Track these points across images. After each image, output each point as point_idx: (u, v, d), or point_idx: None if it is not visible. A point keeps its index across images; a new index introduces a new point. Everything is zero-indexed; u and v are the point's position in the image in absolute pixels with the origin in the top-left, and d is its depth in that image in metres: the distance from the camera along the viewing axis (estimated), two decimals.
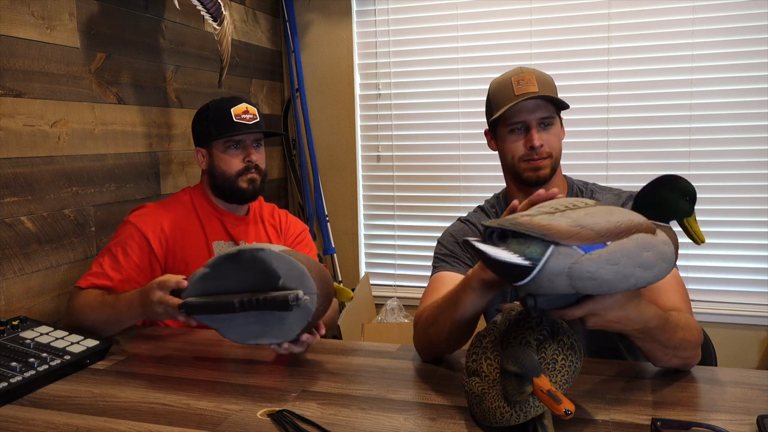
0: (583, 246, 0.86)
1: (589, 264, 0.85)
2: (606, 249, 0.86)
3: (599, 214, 0.90)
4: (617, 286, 0.88)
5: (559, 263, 0.84)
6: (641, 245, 0.89)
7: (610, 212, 0.91)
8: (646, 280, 0.90)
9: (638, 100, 2.58)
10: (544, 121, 1.37)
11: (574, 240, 0.85)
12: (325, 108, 2.98)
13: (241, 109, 1.67)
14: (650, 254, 0.89)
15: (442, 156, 2.87)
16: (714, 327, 2.41)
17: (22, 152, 1.62)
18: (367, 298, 2.85)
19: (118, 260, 1.55)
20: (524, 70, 1.39)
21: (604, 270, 0.85)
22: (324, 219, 2.90)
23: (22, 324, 1.38)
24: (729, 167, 2.50)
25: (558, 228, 0.86)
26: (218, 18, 2.00)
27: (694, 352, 1.13)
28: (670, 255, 0.93)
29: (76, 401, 1.13)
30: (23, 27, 1.61)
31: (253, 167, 1.68)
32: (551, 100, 1.36)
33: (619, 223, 0.89)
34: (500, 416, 0.89)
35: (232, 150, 1.68)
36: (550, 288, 0.86)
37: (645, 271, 0.89)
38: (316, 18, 2.93)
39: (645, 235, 0.91)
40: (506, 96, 1.36)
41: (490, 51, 2.73)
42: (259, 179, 1.70)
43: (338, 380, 1.19)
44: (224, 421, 1.02)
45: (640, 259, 0.88)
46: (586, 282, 0.86)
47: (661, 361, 1.12)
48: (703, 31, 2.47)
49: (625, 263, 0.87)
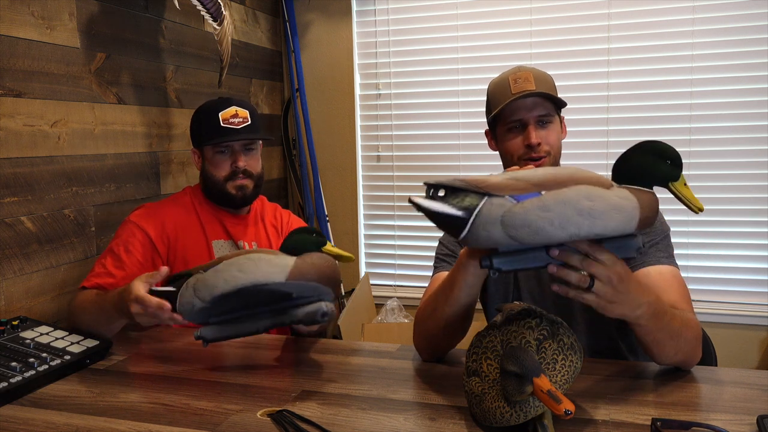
0: (517, 195, 0.90)
1: (520, 211, 0.89)
2: (539, 197, 0.90)
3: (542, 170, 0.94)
4: (555, 234, 0.89)
5: (492, 212, 0.89)
6: (582, 194, 0.89)
7: (556, 169, 0.94)
8: (592, 229, 0.89)
9: (638, 100, 2.58)
10: (542, 119, 1.37)
11: (507, 190, 0.91)
12: (325, 108, 2.98)
13: (230, 113, 1.65)
14: (593, 203, 0.89)
15: (442, 156, 2.87)
16: (714, 327, 2.41)
17: (22, 152, 1.62)
18: (367, 298, 2.85)
19: (120, 258, 1.55)
20: (522, 68, 1.39)
21: (536, 216, 0.88)
22: (324, 219, 2.90)
23: (22, 324, 1.38)
24: (729, 167, 2.50)
25: (491, 181, 0.92)
26: (218, 18, 2.00)
27: (693, 347, 1.13)
28: (629, 208, 0.91)
29: (76, 401, 1.13)
30: (23, 27, 1.61)
31: (241, 172, 1.66)
32: (547, 97, 1.36)
33: (558, 174, 0.92)
34: (500, 416, 0.89)
35: (219, 155, 1.67)
36: (487, 238, 0.91)
37: (586, 218, 0.88)
38: (316, 18, 2.93)
39: (589, 186, 0.91)
40: (503, 94, 1.37)
41: (490, 51, 2.73)
42: (250, 185, 1.68)
43: (338, 380, 1.19)
44: (224, 421, 1.02)
45: (579, 206, 0.88)
46: (520, 230, 0.89)
47: (663, 355, 1.11)
48: (703, 31, 2.46)
49: (559, 210, 0.88)
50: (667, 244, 1.31)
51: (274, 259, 1.20)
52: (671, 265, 1.27)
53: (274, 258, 1.21)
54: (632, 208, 0.91)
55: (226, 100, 1.70)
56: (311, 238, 1.25)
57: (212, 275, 1.20)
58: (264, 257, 1.21)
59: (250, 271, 1.18)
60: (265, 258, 1.21)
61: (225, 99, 1.70)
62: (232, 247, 1.70)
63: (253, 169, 1.69)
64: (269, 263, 1.19)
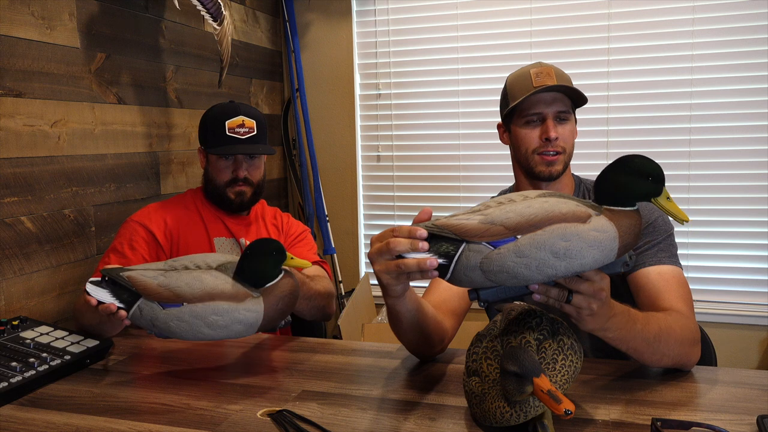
0: (493, 242, 0.91)
1: (497, 258, 0.90)
2: (515, 242, 0.90)
3: (518, 209, 0.93)
4: (533, 276, 0.90)
5: (471, 259, 0.91)
6: (557, 235, 0.89)
7: (529, 206, 0.93)
8: (568, 269, 0.90)
9: (638, 100, 2.58)
10: (561, 115, 1.36)
11: (484, 237, 0.91)
12: (325, 108, 2.98)
13: (237, 122, 1.66)
14: (568, 243, 0.89)
15: (442, 156, 2.87)
16: (714, 327, 2.41)
17: (22, 152, 1.62)
18: (367, 298, 2.85)
19: (125, 255, 1.55)
20: (543, 64, 1.38)
21: (513, 262, 0.90)
22: (324, 219, 2.90)
23: (22, 324, 1.38)
24: (729, 167, 2.50)
25: (467, 227, 0.92)
26: (218, 18, 2.00)
27: (682, 349, 1.12)
28: (606, 241, 0.90)
29: (76, 401, 1.13)
30: (23, 27, 1.61)
31: (241, 180, 1.68)
32: (570, 93, 1.35)
33: (532, 216, 0.91)
34: (500, 416, 0.89)
35: (222, 161, 1.68)
36: (469, 282, 0.93)
37: (562, 260, 0.89)
38: (316, 18, 2.93)
39: (564, 225, 0.90)
40: (525, 87, 1.35)
41: (490, 51, 2.73)
42: (248, 192, 1.70)
43: (338, 380, 1.19)
44: (224, 421, 1.02)
45: (554, 249, 0.89)
46: (500, 275, 0.90)
47: (644, 361, 1.11)
48: (703, 31, 2.47)
49: (535, 255, 0.89)
50: (670, 243, 1.30)
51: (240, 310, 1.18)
52: (673, 265, 1.26)
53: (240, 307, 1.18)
54: (610, 240, 0.90)
55: (236, 107, 1.70)
56: (272, 262, 1.20)
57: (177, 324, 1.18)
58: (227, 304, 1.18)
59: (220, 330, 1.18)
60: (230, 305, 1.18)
61: (234, 106, 1.70)
62: (234, 244, 1.72)
63: (254, 177, 1.71)
64: (237, 320, 1.18)
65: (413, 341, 1.22)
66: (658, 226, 1.31)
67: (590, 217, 0.92)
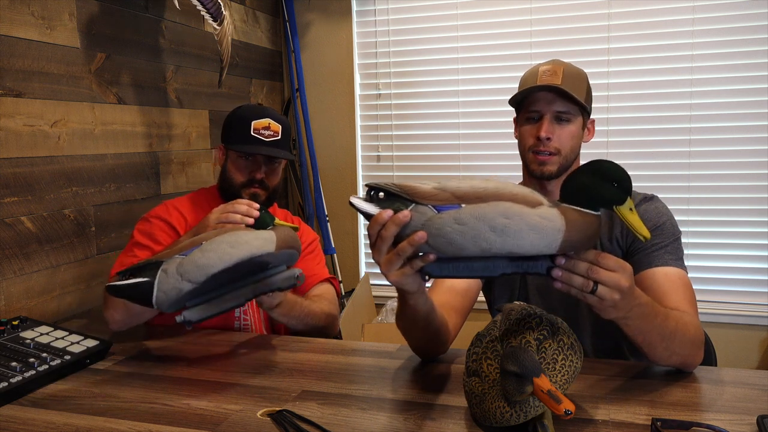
0: (439, 206, 0.94)
1: (437, 221, 0.93)
2: (457, 210, 0.92)
3: (472, 183, 0.95)
4: (466, 247, 0.91)
5: (415, 220, 0.94)
6: (499, 211, 0.90)
7: (484, 182, 0.95)
8: (503, 246, 0.90)
9: (638, 100, 2.58)
10: (560, 116, 1.34)
11: (431, 200, 0.95)
12: (325, 108, 2.98)
13: (262, 124, 1.65)
14: (508, 221, 0.89)
15: (442, 156, 2.86)
16: (714, 327, 2.41)
17: (22, 152, 1.62)
18: (367, 298, 2.84)
19: (149, 247, 1.55)
20: (556, 62, 1.38)
21: (451, 228, 0.91)
22: (324, 219, 2.90)
23: (22, 324, 1.38)
24: (729, 167, 2.50)
25: (420, 189, 0.96)
26: (218, 18, 2.00)
27: (690, 349, 1.13)
28: (549, 229, 0.89)
29: (76, 401, 1.13)
30: (23, 27, 1.61)
31: (258, 182, 1.67)
32: (566, 96, 1.32)
33: (481, 189, 0.93)
34: (500, 416, 0.89)
35: (242, 161, 1.67)
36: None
37: (499, 235, 0.89)
38: (316, 18, 2.93)
39: (509, 204, 0.91)
40: (530, 83, 1.35)
41: (490, 51, 2.73)
42: (263, 195, 1.68)
43: (338, 380, 1.19)
44: (224, 421, 1.02)
45: (494, 223, 0.90)
46: (436, 239, 0.92)
47: (654, 355, 1.11)
48: (703, 31, 2.47)
49: (473, 225, 0.90)
50: (677, 246, 1.30)
51: (257, 234, 1.26)
52: (679, 268, 1.26)
53: (255, 233, 1.27)
54: (553, 230, 0.89)
55: (263, 109, 1.70)
56: (269, 216, 1.35)
57: (202, 255, 1.20)
58: (245, 233, 1.26)
59: (243, 246, 1.21)
60: (248, 233, 1.26)
61: (262, 108, 1.70)
62: None
63: (271, 182, 1.69)
64: (256, 237, 1.24)
65: (422, 339, 1.22)
66: (666, 229, 1.30)
67: (541, 204, 0.92)
